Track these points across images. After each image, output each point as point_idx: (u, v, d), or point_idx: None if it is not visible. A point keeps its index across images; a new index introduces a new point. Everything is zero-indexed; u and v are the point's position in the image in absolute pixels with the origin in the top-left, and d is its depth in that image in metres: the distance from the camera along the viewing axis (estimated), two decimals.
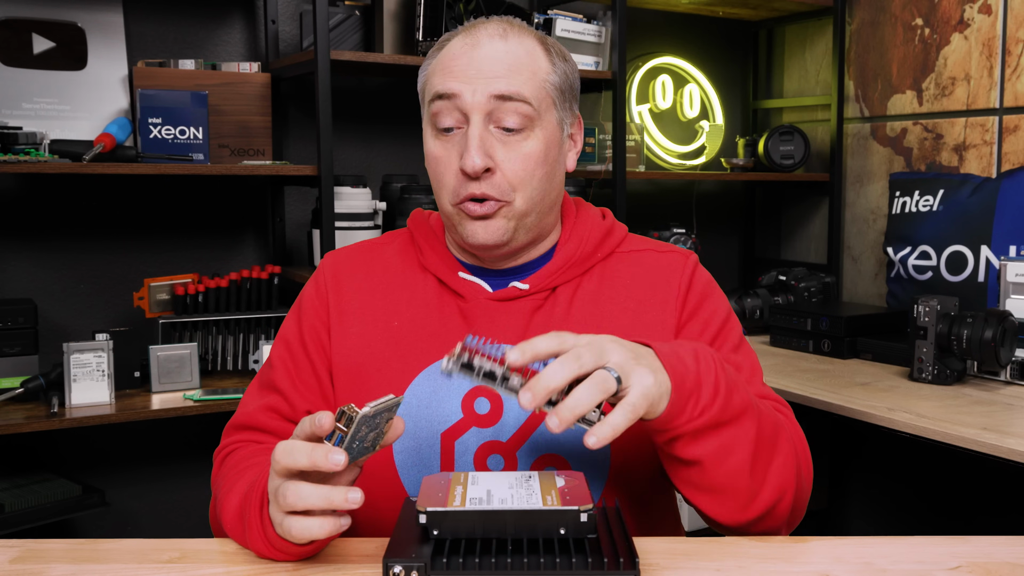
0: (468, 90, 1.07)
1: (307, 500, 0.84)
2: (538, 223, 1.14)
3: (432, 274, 1.17)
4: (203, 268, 2.46)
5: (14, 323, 2.05)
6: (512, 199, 1.09)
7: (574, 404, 0.85)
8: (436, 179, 1.12)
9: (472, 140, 1.07)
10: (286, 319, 1.22)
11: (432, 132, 1.12)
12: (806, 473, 1.06)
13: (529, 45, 1.11)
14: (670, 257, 1.19)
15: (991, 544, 0.96)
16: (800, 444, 1.07)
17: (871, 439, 2.80)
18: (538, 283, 1.14)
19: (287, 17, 2.51)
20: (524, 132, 1.09)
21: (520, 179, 1.09)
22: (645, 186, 3.09)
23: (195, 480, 2.48)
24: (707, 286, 1.19)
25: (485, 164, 1.07)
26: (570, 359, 0.87)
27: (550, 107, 1.11)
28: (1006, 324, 1.92)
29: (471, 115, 1.08)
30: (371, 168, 2.64)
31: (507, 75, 1.08)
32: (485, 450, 1.09)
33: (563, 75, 1.13)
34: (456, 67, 1.09)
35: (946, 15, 2.61)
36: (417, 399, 1.10)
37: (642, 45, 3.03)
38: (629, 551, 0.84)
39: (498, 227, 1.10)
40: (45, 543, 0.97)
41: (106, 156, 2.05)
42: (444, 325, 1.13)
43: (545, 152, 1.11)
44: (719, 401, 0.94)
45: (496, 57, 1.08)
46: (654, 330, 1.13)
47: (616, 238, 1.20)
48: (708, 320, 1.15)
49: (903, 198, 2.57)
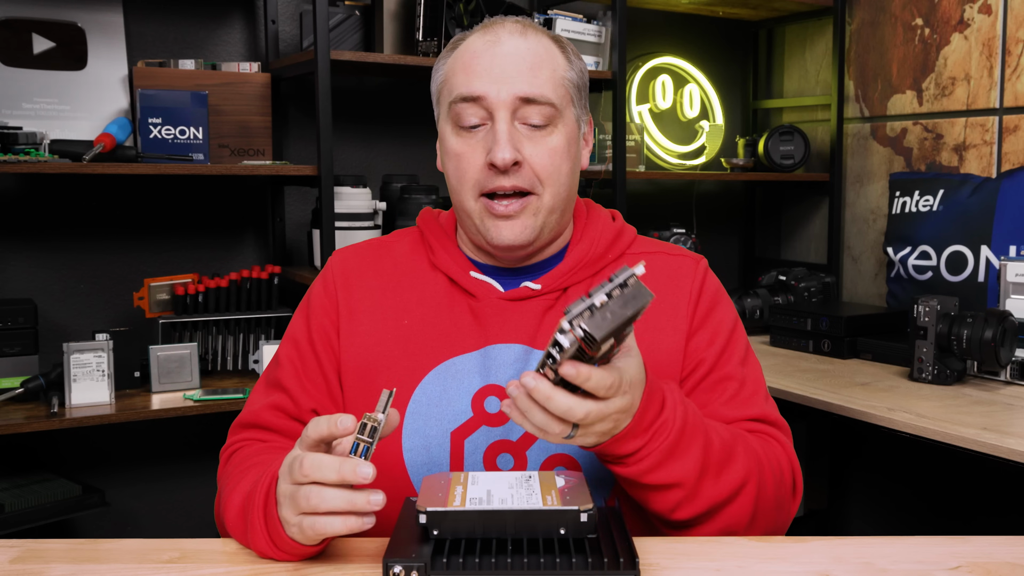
0: (493, 91, 1.09)
1: (331, 503, 0.85)
2: (559, 222, 1.14)
3: (443, 273, 1.17)
4: (203, 268, 2.46)
5: (14, 323, 2.05)
6: (541, 192, 1.10)
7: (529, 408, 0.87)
8: (458, 176, 1.12)
9: (501, 135, 1.08)
10: (294, 317, 1.21)
11: (453, 129, 1.12)
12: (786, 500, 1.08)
13: (546, 43, 1.13)
14: (681, 261, 1.20)
15: (991, 544, 0.96)
16: (782, 470, 1.08)
17: (871, 439, 2.80)
18: (550, 283, 1.14)
19: (287, 17, 2.51)
20: (548, 128, 1.11)
21: (547, 172, 1.10)
22: (645, 186, 3.09)
23: (195, 480, 2.48)
24: (717, 293, 1.19)
25: (515, 157, 1.07)
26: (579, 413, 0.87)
27: (569, 104, 1.13)
28: (1006, 324, 1.92)
29: (496, 113, 1.09)
30: (371, 168, 2.64)
31: (530, 74, 1.09)
32: (495, 449, 1.09)
33: (579, 72, 1.16)
34: (479, 66, 1.10)
35: (946, 15, 2.61)
36: (427, 398, 1.10)
37: (642, 45, 3.03)
38: (629, 551, 0.84)
39: (525, 226, 1.10)
40: (45, 543, 0.97)
41: (106, 156, 2.05)
42: (455, 324, 1.13)
43: (567, 146, 1.12)
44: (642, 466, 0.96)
45: (518, 55, 1.10)
46: (665, 333, 1.14)
47: (626, 240, 1.21)
48: (716, 330, 1.16)
49: (903, 198, 2.57)
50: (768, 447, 1.09)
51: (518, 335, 1.12)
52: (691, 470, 0.97)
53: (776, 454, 1.09)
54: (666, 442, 0.96)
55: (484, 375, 1.11)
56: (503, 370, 1.11)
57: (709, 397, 1.13)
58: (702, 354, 1.14)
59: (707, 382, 1.14)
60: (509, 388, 0.88)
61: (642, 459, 0.95)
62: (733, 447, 1.02)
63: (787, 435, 1.14)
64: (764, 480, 1.04)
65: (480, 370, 1.11)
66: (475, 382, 1.10)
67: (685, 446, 0.97)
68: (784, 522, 1.10)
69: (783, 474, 1.08)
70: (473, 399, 1.10)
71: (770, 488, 1.05)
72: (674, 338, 1.14)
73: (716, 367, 1.14)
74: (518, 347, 1.11)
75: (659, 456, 0.95)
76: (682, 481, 0.97)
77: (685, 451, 0.97)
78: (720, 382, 1.13)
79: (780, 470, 1.08)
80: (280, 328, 2.34)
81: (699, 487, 0.98)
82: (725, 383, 1.13)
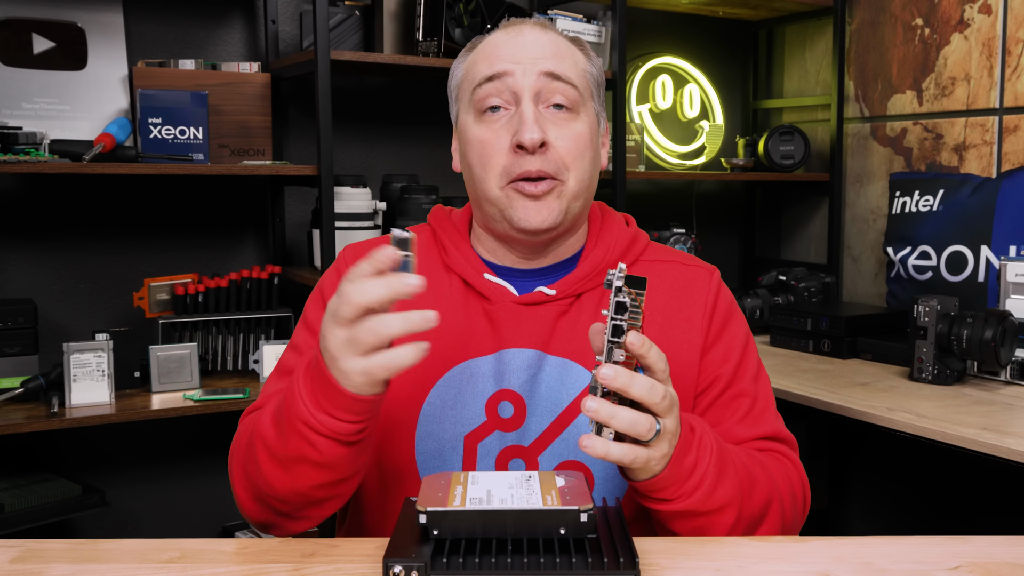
0: (519, 69, 1.09)
1: (392, 328, 0.84)
2: (580, 212, 1.14)
3: (457, 275, 1.16)
4: (203, 268, 2.46)
5: (14, 323, 2.05)
6: (565, 178, 1.10)
7: (614, 414, 0.86)
8: (482, 163, 1.11)
9: (527, 115, 1.08)
10: (308, 308, 1.20)
11: (475, 117, 1.12)
12: (798, 520, 1.09)
13: (566, 40, 1.15)
14: (695, 272, 1.19)
15: (991, 544, 0.96)
16: (794, 488, 1.09)
17: (871, 439, 2.80)
18: (564, 289, 1.14)
19: (287, 17, 2.51)
20: (572, 112, 1.11)
21: (572, 157, 1.10)
22: (645, 186, 3.09)
23: (195, 480, 2.48)
24: (730, 307, 1.19)
25: (543, 137, 1.07)
26: (649, 394, 0.87)
27: (590, 97, 1.14)
28: (1006, 324, 1.92)
29: (522, 94, 1.09)
30: (371, 168, 2.64)
31: (555, 57, 1.10)
32: (507, 454, 1.08)
33: (599, 70, 1.17)
34: (503, 52, 1.11)
35: (946, 15, 2.61)
36: (441, 400, 1.10)
37: (642, 45, 3.03)
38: (629, 551, 0.84)
39: (552, 209, 1.09)
40: (45, 543, 0.97)
41: (106, 156, 2.05)
42: (470, 327, 1.12)
43: (591, 136, 1.13)
44: (699, 493, 0.96)
45: (541, 43, 1.11)
46: (680, 347, 1.13)
47: (640, 246, 1.21)
48: (731, 345, 1.16)
49: (903, 198, 2.57)
50: (781, 466, 1.09)
51: (532, 340, 1.11)
52: (736, 487, 0.98)
53: (788, 473, 1.09)
54: (714, 458, 0.97)
55: (498, 379, 1.10)
56: (516, 375, 1.10)
57: (724, 414, 1.13)
58: (718, 370, 1.14)
59: (723, 399, 1.13)
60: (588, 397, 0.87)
61: (702, 480, 0.95)
62: (751, 467, 1.03)
63: (795, 450, 1.14)
64: (783, 498, 1.05)
65: (494, 374, 1.10)
66: (489, 386, 1.10)
67: (727, 463, 0.99)
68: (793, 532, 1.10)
69: (795, 492, 1.09)
70: (487, 403, 1.09)
71: (787, 506, 1.06)
72: (689, 351, 1.14)
73: (732, 384, 1.14)
74: (531, 352, 1.11)
75: (714, 475, 0.96)
76: (733, 499, 0.98)
77: (727, 468, 0.98)
78: (735, 399, 1.13)
79: (792, 488, 1.08)
80: (280, 328, 2.34)
81: (744, 506, 1.00)
82: (739, 400, 1.13)
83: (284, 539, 0.99)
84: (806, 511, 1.12)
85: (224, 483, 2.50)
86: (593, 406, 0.85)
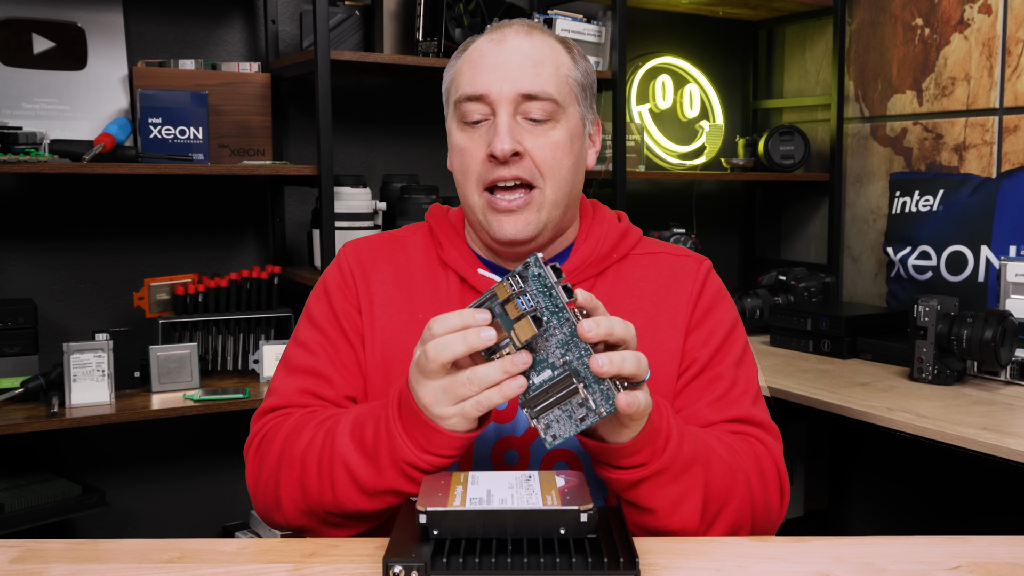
0: (496, 88, 1.10)
1: (491, 378, 0.89)
2: (562, 218, 1.15)
3: (452, 270, 1.18)
4: (203, 268, 2.46)
5: (14, 323, 2.05)
6: (541, 186, 1.11)
7: (624, 357, 0.88)
8: (463, 170, 1.14)
9: (501, 126, 1.09)
10: (312, 306, 1.20)
11: (458, 126, 1.14)
12: (773, 503, 1.09)
13: (551, 42, 1.15)
14: (684, 261, 1.21)
15: (991, 544, 0.96)
16: (764, 468, 1.08)
17: (871, 439, 2.80)
18: None
19: (287, 17, 2.51)
20: (550, 123, 1.12)
21: (548, 166, 1.11)
22: (645, 186, 3.09)
23: (195, 480, 2.48)
24: (717, 294, 1.20)
25: (514, 148, 1.09)
26: (626, 330, 0.90)
27: (573, 101, 1.14)
28: (1006, 324, 1.92)
29: (498, 107, 1.10)
30: (371, 168, 2.64)
31: (533, 70, 1.10)
32: (502, 445, 1.11)
33: (584, 72, 1.17)
34: (484, 64, 1.12)
35: (946, 15, 2.61)
36: None
37: (642, 45, 3.03)
38: (629, 551, 0.84)
39: (528, 221, 1.11)
40: (45, 543, 0.97)
41: (106, 156, 2.05)
42: None
43: (570, 142, 1.13)
44: (671, 448, 0.97)
45: (523, 52, 1.11)
46: (666, 333, 1.15)
47: (631, 240, 1.22)
48: (713, 329, 1.17)
49: (903, 198, 2.57)
50: (749, 447, 1.09)
51: None
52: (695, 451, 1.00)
53: (757, 453, 1.09)
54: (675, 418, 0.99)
55: None
56: None
57: (697, 396, 1.14)
58: (696, 352, 1.15)
59: (699, 381, 1.14)
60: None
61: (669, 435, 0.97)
62: (706, 438, 1.04)
63: (775, 439, 1.14)
64: (748, 475, 1.05)
65: None
66: None
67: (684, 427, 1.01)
68: (772, 522, 1.10)
69: (765, 473, 1.08)
70: None
71: (756, 485, 1.06)
72: (673, 337, 1.15)
73: (709, 366, 1.15)
74: None
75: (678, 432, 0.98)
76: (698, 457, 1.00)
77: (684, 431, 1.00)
78: (712, 382, 1.14)
79: (762, 468, 1.08)
80: (280, 328, 2.34)
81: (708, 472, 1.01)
82: (716, 383, 1.14)
83: (284, 539, 0.99)
84: (785, 498, 1.11)
85: (224, 483, 2.50)
86: (604, 359, 0.87)
